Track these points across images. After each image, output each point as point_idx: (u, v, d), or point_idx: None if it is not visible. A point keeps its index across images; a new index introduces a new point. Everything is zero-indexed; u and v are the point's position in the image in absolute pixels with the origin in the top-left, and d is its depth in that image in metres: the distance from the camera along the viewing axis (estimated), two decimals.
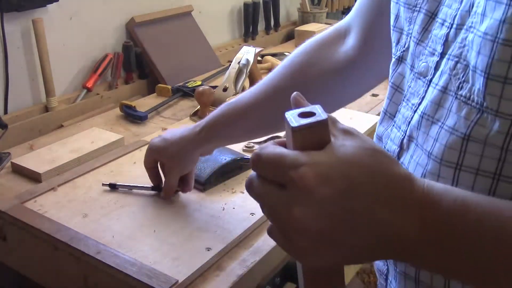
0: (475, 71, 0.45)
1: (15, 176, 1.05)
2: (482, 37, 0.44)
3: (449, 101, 0.49)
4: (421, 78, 0.54)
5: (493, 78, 0.43)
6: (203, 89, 1.27)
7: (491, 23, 0.43)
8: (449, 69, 0.49)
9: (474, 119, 0.46)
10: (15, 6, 1.24)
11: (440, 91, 0.50)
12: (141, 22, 1.56)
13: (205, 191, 0.98)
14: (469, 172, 0.47)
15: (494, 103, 0.44)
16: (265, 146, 0.42)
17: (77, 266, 0.84)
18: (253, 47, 1.39)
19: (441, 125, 0.49)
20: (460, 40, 0.48)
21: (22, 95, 1.32)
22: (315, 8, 2.27)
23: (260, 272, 0.84)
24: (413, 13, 0.56)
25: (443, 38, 0.51)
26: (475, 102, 0.46)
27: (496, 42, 0.42)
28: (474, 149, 0.46)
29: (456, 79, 0.48)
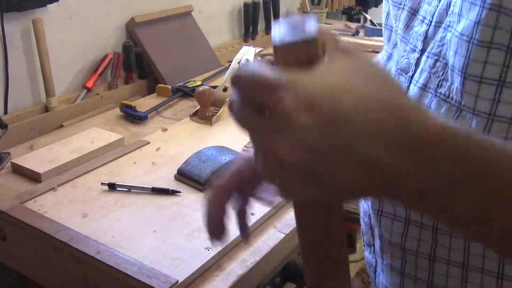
0: (453, 70, 0.46)
1: (15, 176, 1.05)
2: (458, 37, 0.45)
3: (428, 98, 0.50)
4: (403, 75, 0.55)
5: (469, 78, 0.44)
6: (203, 89, 1.27)
7: (466, 24, 0.44)
8: (429, 67, 0.50)
9: (453, 116, 0.47)
10: (15, 6, 1.24)
11: (420, 88, 0.51)
12: (141, 22, 1.56)
13: (205, 191, 0.98)
14: None
15: (471, 102, 0.45)
16: (248, 63, 0.37)
17: (77, 266, 0.84)
18: (253, 47, 1.39)
19: None
20: (439, 38, 0.49)
21: (22, 95, 1.32)
22: (315, 8, 2.27)
23: (260, 272, 0.84)
24: (398, 10, 0.58)
25: (422, 35, 0.52)
26: (454, 100, 0.47)
27: (472, 43, 0.43)
28: None
29: (435, 77, 0.49)
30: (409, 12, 0.56)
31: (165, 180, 1.02)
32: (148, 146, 1.16)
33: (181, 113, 1.36)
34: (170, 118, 1.34)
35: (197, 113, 1.31)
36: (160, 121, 1.32)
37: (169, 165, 1.07)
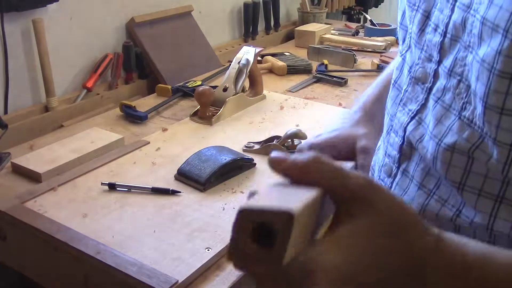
0: (476, 95, 0.44)
1: (15, 176, 1.05)
2: (480, 63, 0.43)
3: (451, 119, 0.48)
4: (419, 84, 0.53)
5: (490, 108, 0.42)
6: (203, 89, 1.27)
7: (488, 51, 0.42)
8: (453, 87, 0.48)
9: (476, 143, 0.45)
10: (15, 6, 1.24)
11: (444, 108, 0.49)
12: (141, 22, 1.56)
13: (205, 191, 0.98)
14: (471, 192, 0.47)
15: (493, 131, 0.43)
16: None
17: (77, 266, 0.84)
18: (253, 47, 1.39)
19: (438, 142, 0.49)
20: (461, 58, 0.47)
21: (22, 95, 1.32)
22: (315, 8, 2.27)
23: None
24: (413, 12, 0.56)
25: (437, 46, 0.50)
26: (477, 126, 0.45)
27: (493, 73, 0.41)
28: (477, 169, 0.46)
29: (459, 99, 0.47)
30: (423, 15, 0.53)
31: (165, 180, 1.02)
32: (148, 146, 1.16)
33: (181, 113, 1.36)
34: (170, 118, 1.34)
35: (197, 113, 1.31)
36: (160, 121, 1.32)
37: (169, 165, 1.07)
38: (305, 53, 1.84)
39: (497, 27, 0.41)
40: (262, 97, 1.43)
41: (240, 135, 1.21)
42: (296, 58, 1.76)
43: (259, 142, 1.15)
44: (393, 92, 0.60)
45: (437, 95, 0.50)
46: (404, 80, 0.57)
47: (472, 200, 0.46)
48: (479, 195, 0.46)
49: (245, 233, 0.35)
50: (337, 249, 0.36)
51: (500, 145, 0.43)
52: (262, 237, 0.35)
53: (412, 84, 0.54)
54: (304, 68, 1.69)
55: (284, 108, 1.38)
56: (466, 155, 0.46)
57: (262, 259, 0.35)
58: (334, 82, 1.59)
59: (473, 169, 0.46)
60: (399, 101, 0.57)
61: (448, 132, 0.47)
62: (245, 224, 0.35)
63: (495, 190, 0.45)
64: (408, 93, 0.55)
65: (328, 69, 1.69)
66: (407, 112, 0.55)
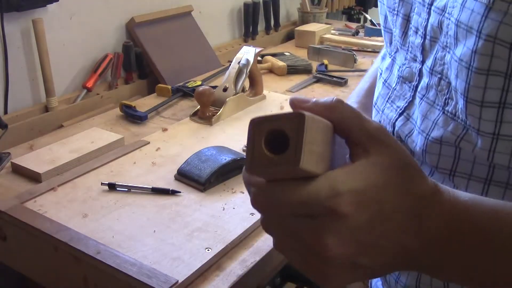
0: (456, 91, 0.48)
1: (15, 176, 1.05)
2: (458, 62, 0.46)
3: (436, 114, 0.51)
4: (406, 83, 0.56)
5: (471, 102, 0.46)
6: (203, 89, 1.27)
7: (464, 51, 0.45)
8: (435, 84, 0.51)
9: (461, 134, 0.49)
10: (15, 6, 1.24)
11: (428, 104, 0.52)
12: (141, 22, 1.56)
13: (205, 191, 0.98)
14: (461, 177, 0.50)
15: (475, 123, 0.46)
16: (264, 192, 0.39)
17: (77, 266, 0.83)
18: (253, 47, 1.39)
19: (426, 136, 0.51)
20: (440, 57, 0.50)
21: (22, 95, 1.32)
22: (315, 8, 2.27)
23: (260, 272, 0.84)
24: (393, 16, 0.58)
25: (419, 47, 0.54)
26: (460, 119, 0.48)
27: (471, 70, 0.45)
28: (465, 157, 0.49)
29: (442, 95, 0.51)
30: (404, 19, 0.56)
31: (165, 180, 1.02)
32: (148, 146, 1.16)
33: (181, 113, 1.36)
34: (170, 118, 1.34)
35: (197, 113, 1.31)
36: (160, 121, 1.32)
37: (169, 165, 1.07)
38: (305, 53, 1.84)
39: (470, 29, 0.44)
40: (262, 97, 1.43)
41: (240, 135, 1.21)
42: (296, 58, 1.76)
43: None
44: (383, 90, 0.62)
45: (422, 93, 0.53)
46: (394, 79, 0.60)
47: (463, 184, 0.50)
48: (469, 180, 0.49)
49: (259, 144, 0.36)
50: (360, 175, 0.38)
51: (483, 134, 0.46)
52: (277, 147, 0.36)
53: (400, 83, 0.58)
54: (304, 68, 1.69)
55: (284, 108, 1.38)
56: (453, 146, 0.49)
57: (278, 163, 0.35)
58: (334, 82, 1.59)
59: (461, 157, 0.49)
60: (387, 98, 0.60)
61: (434, 127, 0.51)
62: (258, 135, 0.36)
63: (484, 173, 0.48)
64: (396, 91, 0.58)
65: (328, 69, 1.69)
66: (395, 109, 0.58)
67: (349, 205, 0.37)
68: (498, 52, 0.43)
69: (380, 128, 0.40)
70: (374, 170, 0.39)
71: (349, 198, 0.37)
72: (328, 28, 2.05)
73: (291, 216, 0.39)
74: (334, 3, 2.47)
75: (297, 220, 0.38)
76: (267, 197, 0.39)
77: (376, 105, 0.63)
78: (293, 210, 0.38)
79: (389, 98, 0.59)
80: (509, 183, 0.47)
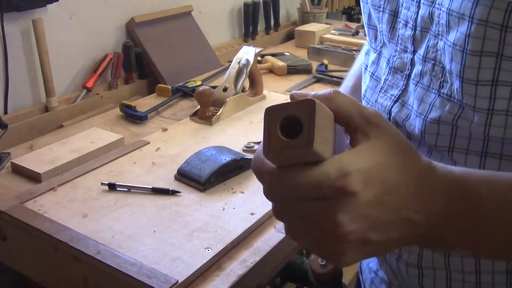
0: (452, 74, 0.51)
1: (15, 176, 1.05)
2: (452, 46, 0.50)
3: (431, 97, 0.55)
4: (398, 73, 0.60)
5: (467, 81, 0.50)
6: (203, 89, 1.27)
7: (458, 36, 0.49)
8: (429, 70, 0.55)
9: (457, 113, 0.52)
10: (15, 6, 1.24)
11: (423, 89, 0.56)
12: (141, 22, 1.56)
13: (205, 191, 0.98)
14: (459, 153, 0.54)
15: (471, 101, 0.50)
16: (276, 178, 0.41)
17: (77, 266, 0.84)
18: (253, 47, 1.39)
19: (424, 118, 0.55)
20: (432, 45, 0.54)
21: (22, 95, 1.32)
22: (315, 8, 2.27)
23: (260, 272, 0.84)
24: (379, 13, 0.62)
25: (410, 39, 0.57)
26: (456, 99, 0.52)
27: (465, 53, 0.49)
28: (462, 133, 0.53)
29: (436, 79, 0.55)
30: (390, 15, 0.60)
31: (165, 180, 1.02)
32: (148, 146, 1.16)
33: (181, 113, 1.36)
34: (170, 118, 1.34)
35: (197, 113, 1.31)
36: (160, 121, 1.32)
37: (169, 165, 1.07)
38: (305, 53, 1.84)
39: (463, 16, 0.48)
40: (262, 97, 1.43)
41: (240, 135, 1.21)
42: (296, 58, 1.76)
43: (259, 142, 1.15)
44: (371, 82, 0.66)
45: (416, 79, 0.57)
46: (383, 71, 0.63)
47: (462, 158, 0.53)
48: (467, 154, 0.53)
49: (275, 130, 0.38)
50: (364, 156, 0.41)
51: (478, 111, 0.50)
52: (290, 133, 0.38)
53: (392, 73, 0.61)
54: (304, 68, 1.69)
55: None
56: (451, 125, 0.53)
57: (293, 146, 0.38)
58: (334, 82, 1.59)
59: (458, 134, 0.53)
60: (380, 89, 0.63)
61: (431, 109, 0.55)
62: (274, 122, 0.38)
63: (479, 147, 0.53)
64: (389, 81, 0.62)
65: (328, 69, 1.69)
66: (389, 97, 0.61)
67: (357, 183, 0.39)
68: (490, 34, 0.47)
69: (376, 113, 0.43)
70: (375, 151, 0.42)
71: (357, 177, 0.39)
72: (328, 28, 2.05)
73: (302, 200, 0.41)
74: (334, 3, 2.47)
75: (308, 203, 0.40)
76: (279, 183, 0.41)
77: (365, 97, 0.67)
78: (305, 194, 0.40)
79: (381, 88, 0.63)
80: (503, 154, 0.52)
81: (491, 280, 0.57)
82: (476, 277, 0.57)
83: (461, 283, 0.58)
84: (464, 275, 0.58)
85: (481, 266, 0.57)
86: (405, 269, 0.61)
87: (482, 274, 0.57)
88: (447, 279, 0.59)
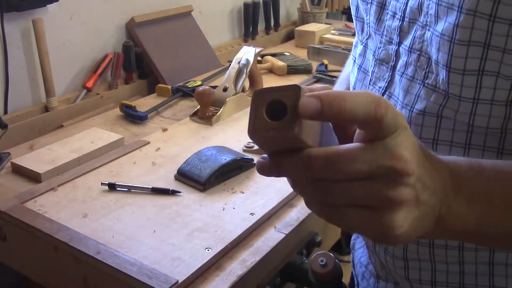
0: (438, 64, 0.52)
1: (15, 176, 1.05)
2: (439, 36, 0.51)
3: (416, 88, 0.56)
4: (384, 64, 0.61)
5: (453, 71, 0.51)
6: (203, 89, 1.27)
7: (446, 26, 0.50)
8: (414, 60, 0.56)
9: (442, 103, 0.53)
10: (15, 6, 1.24)
11: (408, 79, 0.57)
12: (141, 22, 1.56)
13: (205, 191, 0.98)
14: (444, 145, 0.55)
15: (457, 90, 0.51)
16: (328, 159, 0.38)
17: (77, 266, 0.84)
18: (253, 47, 1.39)
19: (410, 109, 0.56)
20: (419, 35, 0.55)
21: (22, 95, 1.32)
22: (315, 8, 2.27)
23: (260, 272, 0.84)
24: (367, 5, 0.63)
25: (397, 29, 0.58)
26: (441, 89, 0.53)
27: (453, 42, 0.50)
28: (446, 125, 0.54)
29: (421, 70, 0.55)
30: (378, 6, 0.61)
31: (165, 180, 1.02)
32: (148, 146, 1.16)
33: (181, 113, 1.36)
34: (170, 118, 1.34)
35: (197, 113, 1.31)
36: (160, 121, 1.32)
37: (169, 165, 1.07)
38: (305, 53, 1.83)
39: (452, 6, 0.50)
40: None
41: (240, 135, 1.21)
42: (296, 58, 1.76)
43: None
44: (360, 75, 0.67)
45: (401, 70, 0.58)
46: (370, 63, 0.64)
47: (446, 151, 0.54)
48: (451, 146, 0.54)
49: (261, 112, 0.39)
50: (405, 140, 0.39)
51: (464, 100, 0.51)
52: (276, 116, 0.38)
53: (378, 65, 0.62)
54: (304, 68, 1.69)
55: None
56: (435, 116, 0.54)
57: (276, 128, 0.38)
58: (334, 82, 1.59)
59: (442, 126, 0.54)
60: (369, 82, 0.64)
61: (417, 100, 0.56)
62: (261, 104, 0.39)
63: (463, 139, 0.53)
64: (376, 73, 0.63)
65: (328, 69, 1.69)
66: (377, 90, 0.62)
67: (412, 163, 0.38)
68: (478, 24, 0.48)
69: (400, 113, 0.41)
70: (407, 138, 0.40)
71: (411, 156, 0.38)
72: (328, 28, 2.05)
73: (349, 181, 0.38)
74: (334, 3, 2.46)
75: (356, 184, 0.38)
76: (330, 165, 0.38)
77: (355, 90, 0.68)
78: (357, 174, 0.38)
79: (370, 81, 0.64)
80: (485, 145, 0.53)
81: (474, 270, 0.58)
82: (460, 267, 0.59)
83: (445, 273, 0.59)
84: (448, 266, 0.59)
85: (464, 257, 0.58)
86: (391, 261, 0.63)
87: (465, 265, 0.58)
88: (432, 270, 0.60)
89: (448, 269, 0.59)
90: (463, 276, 0.59)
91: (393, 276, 0.65)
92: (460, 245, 0.58)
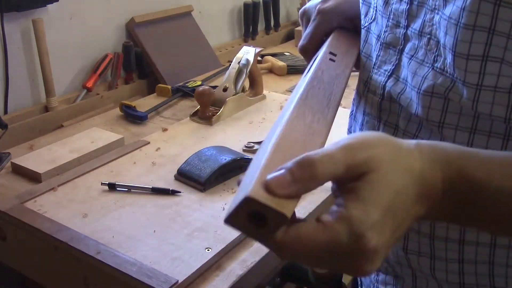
0: (445, 47, 0.52)
1: (15, 176, 1.05)
2: (447, 20, 0.51)
3: (425, 71, 0.56)
4: (390, 48, 0.61)
5: (458, 55, 0.50)
6: (203, 89, 1.27)
7: (453, 9, 0.50)
8: (424, 44, 0.56)
9: (449, 86, 0.53)
10: (15, 6, 1.24)
11: (418, 62, 0.57)
12: (141, 22, 1.56)
13: (205, 191, 0.98)
14: (449, 128, 0.54)
15: (462, 75, 0.51)
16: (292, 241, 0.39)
17: (77, 266, 0.84)
18: (253, 47, 1.39)
19: (418, 91, 0.56)
20: (428, 19, 0.55)
21: (22, 95, 1.32)
22: None
23: (260, 272, 0.84)
24: None
25: (405, 13, 0.58)
26: (449, 73, 0.53)
27: (459, 26, 0.50)
28: (453, 109, 0.54)
29: (431, 53, 0.55)
30: None
31: (165, 180, 1.02)
32: (148, 146, 1.16)
33: (181, 113, 1.36)
34: (170, 118, 1.34)
35: (197, 113, 1.31)
36: (160, 121, 1.32)
37: (169, 165, 1.07)
38: None
39: None
40: (262, 97, 1.43)
41: (240, 135, 1.21)
42: (296, 58, 1.76)
43: (259, 142, 1.15)
44: (361, 60, 0.68)
45: (411, 53, 0.58)
46: (373, 47, 0.64)
47: (451, 135, 0.54)
48: (456, 130, 0.54)
49: (243, 215, 0.39)
50: (371, 205, 0.39)
51: (468, 86, 0.51)
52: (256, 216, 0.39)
53: (384, 49, 0.62)
54: (304, 68, 1.69)
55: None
56: (443, 97, 0.54)
57: (255, 234, 0.40)
58: None
59: (449, 109, 0.54)
60: (373, 66, 0.64)
61: (424, 81, 0.56)
62: (245, 209, 0.39)
63: (469, 124, 0.53)
64: (381, 57, 0.63)
65: None
66: (383, 73, 0.62)
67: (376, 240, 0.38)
68: (484, 9, 0.48)
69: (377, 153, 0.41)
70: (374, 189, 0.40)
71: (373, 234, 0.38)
72: None
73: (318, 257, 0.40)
74: None
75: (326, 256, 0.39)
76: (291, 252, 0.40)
77: None
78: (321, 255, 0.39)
79: (374, 64, 0.64)
80: (491, 131, 0.52)
81: (474, 252, 0.58)
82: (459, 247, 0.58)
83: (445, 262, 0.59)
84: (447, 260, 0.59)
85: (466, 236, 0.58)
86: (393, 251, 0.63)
87: (465, 245, 0.58)
88: (431, 257, 0.60)
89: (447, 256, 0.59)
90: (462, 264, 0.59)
91: (393, 268, 0.65)
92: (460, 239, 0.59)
